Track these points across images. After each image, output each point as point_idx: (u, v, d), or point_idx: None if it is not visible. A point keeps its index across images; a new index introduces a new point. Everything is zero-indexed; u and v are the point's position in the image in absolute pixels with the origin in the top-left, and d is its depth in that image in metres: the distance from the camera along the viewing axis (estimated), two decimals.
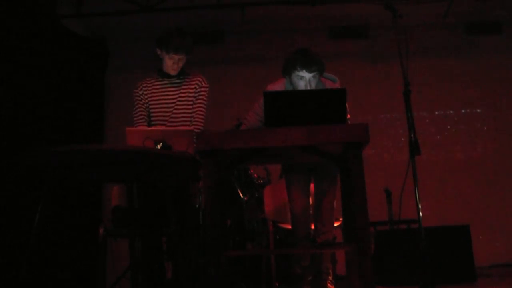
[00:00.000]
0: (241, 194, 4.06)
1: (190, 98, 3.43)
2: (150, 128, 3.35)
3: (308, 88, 3.30)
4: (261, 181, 4.32)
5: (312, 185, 3.63)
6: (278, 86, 3.45)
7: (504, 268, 5.42)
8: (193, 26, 6.19)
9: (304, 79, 3.28)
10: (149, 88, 3.44)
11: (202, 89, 3.47)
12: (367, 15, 6.05)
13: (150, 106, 3.43)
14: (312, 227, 3.58)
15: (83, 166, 2.71)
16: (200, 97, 3.46)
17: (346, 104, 3.27)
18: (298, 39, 6.16)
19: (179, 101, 3.41)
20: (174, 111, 3.40)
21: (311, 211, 3.59)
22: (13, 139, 4.60)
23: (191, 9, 5.65)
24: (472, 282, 4.17)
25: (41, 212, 2.69)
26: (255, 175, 4.33)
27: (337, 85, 3.46)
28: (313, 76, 3.29)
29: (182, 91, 3.43)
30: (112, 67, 6.33)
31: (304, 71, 3.26)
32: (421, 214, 3.02)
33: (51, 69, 5.29)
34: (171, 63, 3.38)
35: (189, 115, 3.43)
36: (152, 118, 3.43)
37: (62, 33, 5.58)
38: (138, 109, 3.42)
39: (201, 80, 3.48)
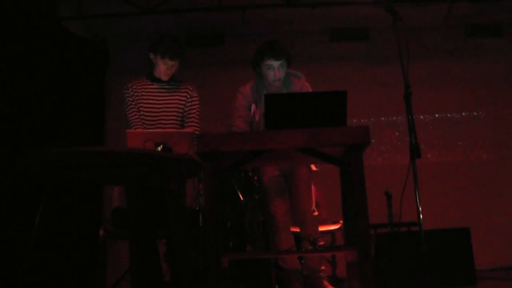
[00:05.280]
0: (241, 196, 4.05)
1: (180, 106, 3.47)
2: (150, 130, 3.35)
3: (277, 75, 3.49)
4: None
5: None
6: (248, 85, 3.67)
7: (505, 271, 5.41)
8: (193, 28, 6.21)
9: (273, 67, 3.49)
10: (139, 90, 3.45)
11: (194, 98, 3.56)
12: (367, 18, 6.05)
13: (140, 109, 3.43)
14: (297, 229, 3.61)
15: (84, 167, 2.72)
16: (193, 106, 3.54)
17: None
18: (299, 41, 6.17)
19: (168, 107, 3.43)
20: (162, 116, 3.41)
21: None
22: (14, 140, 4.60)
23: (192, 11, 5.66)
24: (472, 285, 4.16)
25: (41, 213, 2.69)
26: (255, 177, 4.32)
27: (302, 81, 3.67)
28: (281, 65, 3.50)
29: (172, 97, 3.46)
30: (112, 69, 6.33)
31: (272, 59, 3.48)
32: (421, 216, 3.02)
33: (51, 70, 5.29)
34: (165, 68, 3.43)
35: (178, 120, 3.46)
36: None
37: (62, 34, 5.58)
38: (132, 111, 3.42)
39: (191, 89, 3.56)
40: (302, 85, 3.67)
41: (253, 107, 3.58)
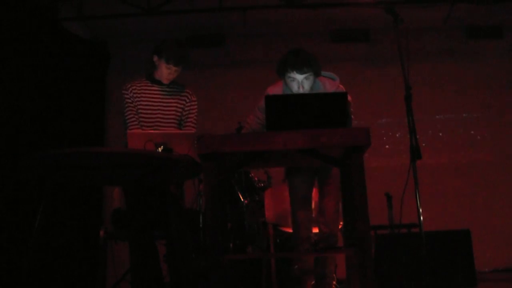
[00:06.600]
0: (241, 198, 4.06)
1: (179, 109, 3.46)
2: (151, 131, 3.34)
3: (301, 89, 3.25)
4: (262, 185, 4.32)
5: (315, 188, 3.63)
6: (278, 88, 3.45)
7: (505, 273, 5.41)
8: (194, 29, 6.21)
9: (296, 80, 3.24)
10: (138, 91, 3.43)
11: (193, 103, 3.53)
12: (368, 19, 6.06)
13: (138, 110, 3.42)
14: (316, 230, 3.57)
15: (84, 168, 2.72)
16: (192, 110, 3.52)
17: (351, 108, 3.28)
18: (299, 42, 6.16)
19: (166, 108, 3.42)
20: (159, 117, 3.41)
21: (313, 214, 3.60)
22: (15, 141, 4.60)
23: (192, 12, 5.66)
24: (472, 286, 4.16)
25: (42, 214, 2.69)
26: (256, 179, 4.33)
27: (337, 83, 3.41)
28: (306, 78, 3.24)
29: (171, 99, 3.44)
30: (113, 70, 6.34)
31: (295, 72, 3.22)
32: (421, 218, 3.02)
33: (52, 71, 5.29)
34: (167, 73, 3.39)
35: (176, 123, 3.45)
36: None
37: (64, 35, 5.59)
38: (130, 112, 3.40)
39: (190, 93, 3.54)
40: (337, 88, 3.38)
41: None
